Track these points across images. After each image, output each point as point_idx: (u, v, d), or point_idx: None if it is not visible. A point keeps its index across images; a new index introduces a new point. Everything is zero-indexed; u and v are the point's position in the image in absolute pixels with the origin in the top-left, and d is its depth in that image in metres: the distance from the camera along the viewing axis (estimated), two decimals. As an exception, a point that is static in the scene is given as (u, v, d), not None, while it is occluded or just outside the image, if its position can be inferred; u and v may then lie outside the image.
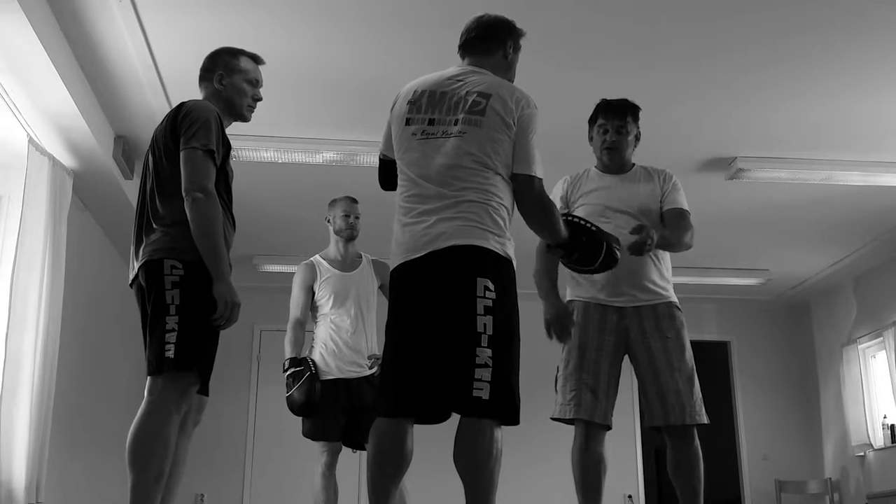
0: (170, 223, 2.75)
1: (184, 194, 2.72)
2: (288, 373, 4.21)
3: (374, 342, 4.43)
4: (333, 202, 4.57)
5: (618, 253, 2.85)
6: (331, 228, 4.56)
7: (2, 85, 4.10)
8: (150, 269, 2.73)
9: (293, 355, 4.24)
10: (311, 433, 4.27)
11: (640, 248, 3.06)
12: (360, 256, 4.57)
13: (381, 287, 4.53)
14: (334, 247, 4.54)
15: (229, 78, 2.98)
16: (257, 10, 4.03)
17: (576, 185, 3.44)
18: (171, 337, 2.65)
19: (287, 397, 4.20)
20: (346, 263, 4.49)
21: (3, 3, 3.46)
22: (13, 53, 3.83)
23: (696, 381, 3.24)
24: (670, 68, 4.57)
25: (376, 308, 4.45)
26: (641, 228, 3.06)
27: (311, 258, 4.52)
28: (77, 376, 5.40)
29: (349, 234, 4.51)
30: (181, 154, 2.76)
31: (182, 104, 2.88)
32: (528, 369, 3.01)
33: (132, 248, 2.87)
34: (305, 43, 4.33)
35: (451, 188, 2.49)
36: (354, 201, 4.55)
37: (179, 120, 2.81)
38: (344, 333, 4.33)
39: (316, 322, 4.43)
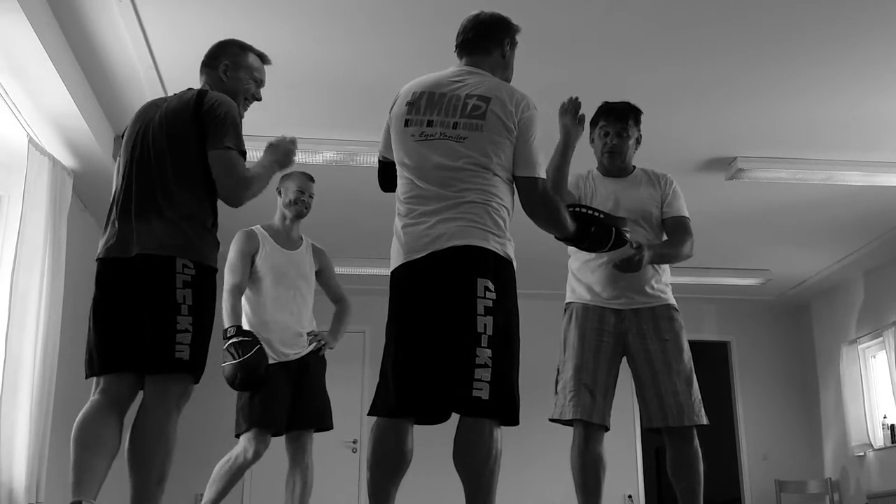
0: (183, 216, 2.64)
1: (230, 195, 2.68)
2: (233, 341, 3.77)
3: (312, 322, 4.25)
4: (288, 175, 4.24)
5: (627, 235, 2.89)
6: (280, 201, 4.25)
7: (2, 85, 4.11)
8: (158, 264, 2.59)
9: (237, 324, 3.86)
10: (259, 420, 3.94)
11: (627, 266, 3.10)
12: (302, 238, 4.32)
13: (317, 272, 4.33)
14: (280, 222, 4.23)
15: (234, 71, 2.91)
16: (258, 10, 4.03)
17: (581, 184, 3.43)
18: (185, 338, 2.56)
19: (239, 363, 3.72)
20: (290, 241, 4.23)
21: (3, 3, 3.46)
22: (13, 53, 3.84)
23: (695, 383, 3.24)
24: (671, 68, 4.57)
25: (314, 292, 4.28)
26: (639, 247, 3.09)
27: (253, 227, 4.18)
28: (77, 376, 5.39)
29: (298, 211, 4.21)
30: (213, 153, 2.67)
31: (202, 93, 2.76)
32: (528, 369, 3.01)
33: (118, 223, 2.68)
34: (306, 43, 4.33)
35: (452, 189, 2.49)
36: (311, 179, 4.29)
37: (205, 111, 2.70)
38: (282, 314, 4.09)
39: (250, 293, 4.10)
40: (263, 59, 3.03)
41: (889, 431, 7.49)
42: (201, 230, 2.67)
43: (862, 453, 7.81)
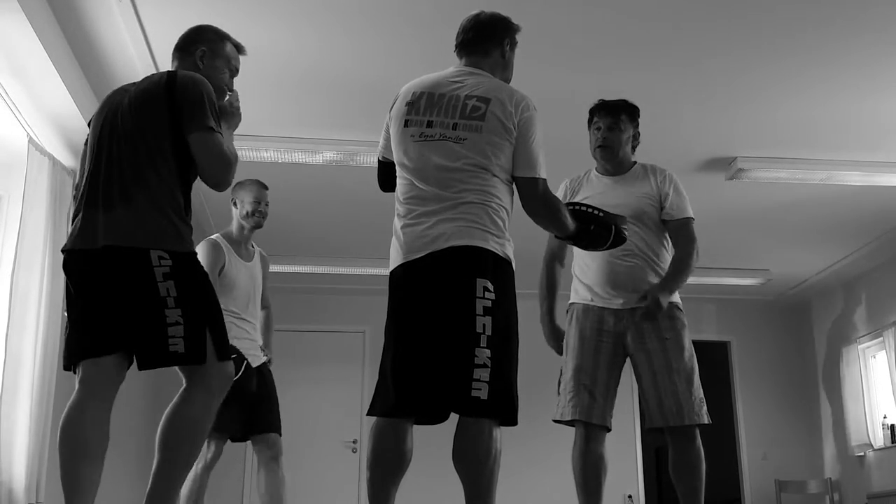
0: (155, 204, 2.52)
1: (218, 178, 2.57)
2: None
3: (260, 334, 4.34)
4: (241, 184, 4.20)
5: (626, 232, 2.88)
6: (235, 212, 4.24)
7: (2, 85, 4.11)
8: (129, 256, 2.47)
9: None
10: (219, 426, 3.93)
11: (651, 315, 3.17)
12: (254, 246, 4.37)
13: (263, 278, 4.38)
14: (238, 232, 4.24)
15: (211, 59, 2.80)
16: (258, 11, 4.03)
17: (575, 188, 3.44)
18: (177, 331, 2.45)
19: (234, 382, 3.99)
20: (247, 252, 4.28)
21: (3, 3, 3.46)
22: (13, 53, 3.84)
23: (697, 382, 3.23)
24: (670, 69, 4.57)
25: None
26: (646, 296, 3.17)
27: (214, 237, 4.18)
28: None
29: (257, 222, 4.22)
30: (195, 135, 2.55)
31: (173, 74, 2.64)
32: (527, 370, 3.01)
33: (84, 213, 2.55)
34: (306, 43, 4.33)
35: (451, 190, 2.49)
36: (265, 187, 4.26)
37: (179, 93, 2.58)
38: (246, 325, 4.17)
39: None
40: (239, 48, 2.92)
41: (889, 431, 7.49)
42: (174, 217, 2.54)
43: (862, 453, 7.81)
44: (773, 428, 8.79)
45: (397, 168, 2.64)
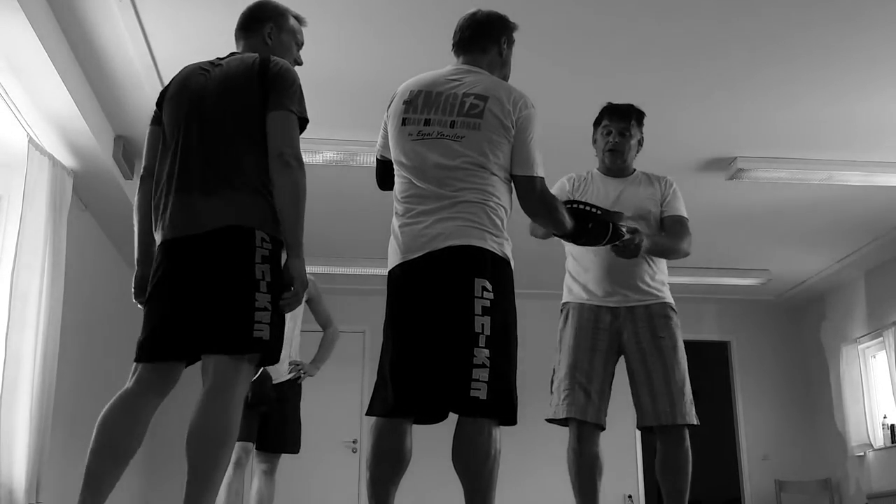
0: (254, 188, 2.46)
1: (277, 156, 2.45)
2: None
3: (296, 351, 4.53)
4: None
5: (623, 229, 2.87)
6: None
7: (2, 85, 4.11)
8: (237, 236, 2.40)
9: None
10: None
11: (625, 251, 3.08)
12: None
13: (308, 301, 4.56)
14: None
15: (279, 35, 2.78)
16: (257, 11, 4.02)
17: (579, 185, 3.44)
18: (264, 316, 2.37)
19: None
20: None
21: (3, 3, 3.47)
22: (13, 53, 3.84)
23: (688, 383, 3.23)
24: (671, 68, 4.57)
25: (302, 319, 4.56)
26: (634, 231, 3.08)
27: None
28: (77, 376, 5.40)
29: None
30: (274, 113, 2.49)
31: (266, 59, 2.60)
32: (526, 370, 3.01)
33: (179, 199, 2.47)
34: (306, 43, 4.30)
35: (449, 188, 2.48)
36: None
37: (272, 78, 2.53)
38: None
39: None
40: (300, 20, 2.89)
41: (889, 431, 7.49)
42: (272, 203, 2.46)
43: (862, 453, 7.81)
44: (773, 428, 8.79)
45: (395, 167, 2.64)
